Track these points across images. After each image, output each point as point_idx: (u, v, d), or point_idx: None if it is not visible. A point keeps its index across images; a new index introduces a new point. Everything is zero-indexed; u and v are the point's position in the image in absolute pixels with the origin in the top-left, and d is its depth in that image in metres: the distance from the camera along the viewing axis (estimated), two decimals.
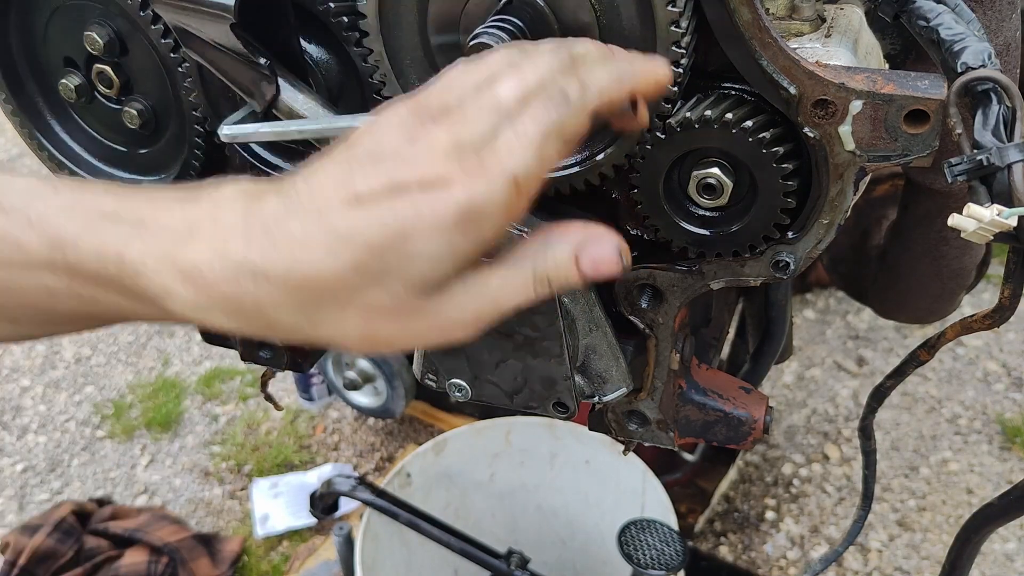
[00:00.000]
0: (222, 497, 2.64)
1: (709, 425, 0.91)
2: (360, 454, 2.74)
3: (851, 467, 2.59)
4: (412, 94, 0.54)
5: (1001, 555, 2.34)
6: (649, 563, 1.54)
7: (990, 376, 2.84)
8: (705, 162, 0.71)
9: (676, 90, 0.67)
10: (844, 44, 0.74)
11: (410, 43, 0.74)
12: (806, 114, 0.66)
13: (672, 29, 0.64)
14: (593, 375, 0.83)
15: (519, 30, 0.67)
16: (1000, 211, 0.58)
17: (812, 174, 0.70)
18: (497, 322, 0.56)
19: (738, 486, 2.56)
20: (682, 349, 0.86)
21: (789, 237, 0.73)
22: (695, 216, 0.74)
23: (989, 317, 0.71)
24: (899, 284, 1.39)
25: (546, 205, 0.80)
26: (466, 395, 0.83)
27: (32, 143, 0.98)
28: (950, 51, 0.66)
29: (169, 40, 0.84)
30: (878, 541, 2.40)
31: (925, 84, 0.63)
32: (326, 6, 0.77)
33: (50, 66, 0.93)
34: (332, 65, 0.82)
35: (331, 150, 0.53)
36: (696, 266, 0.78)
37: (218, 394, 2.99)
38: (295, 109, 0.78)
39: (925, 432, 2.68)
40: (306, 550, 2.38)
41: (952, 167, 0.61)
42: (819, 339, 3.01)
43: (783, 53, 0.64)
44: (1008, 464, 2.56)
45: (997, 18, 0.98)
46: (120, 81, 0.90)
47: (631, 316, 0.83)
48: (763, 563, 2.37)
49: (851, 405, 2.78)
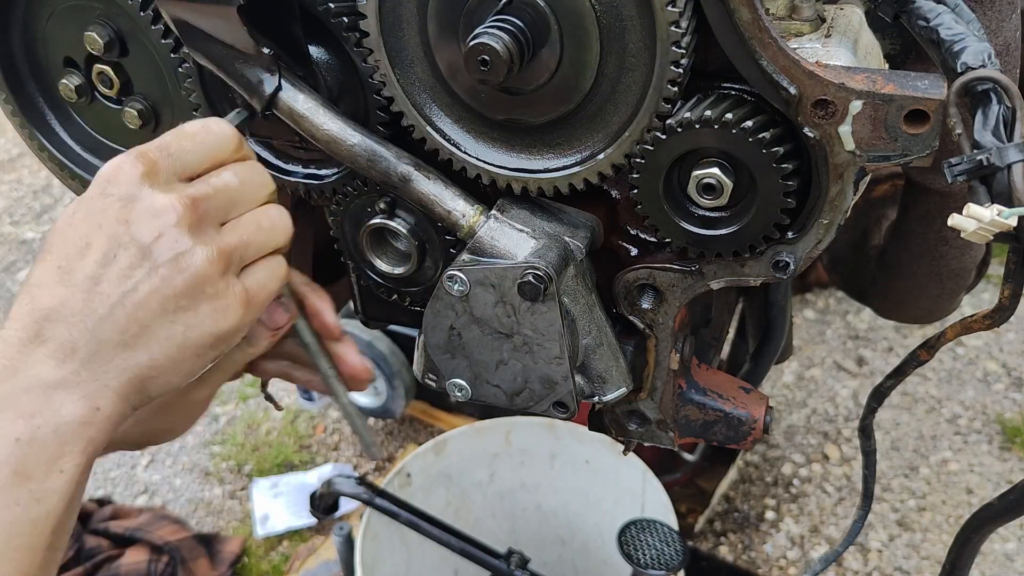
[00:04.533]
0: (222, 497, 2.64)
1: (709, 425, 0.91)
2: (360, 454, 2.74)
3: (851, 467, 2.59)
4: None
5: (1001, 555, 2.34)
6: (649, 563, 1.54)
7: (990, 376, 2.84)
8: (705, 162, 0.71)
9: (676, 90, 0.67)
10: (844, 44, 0.74)
11: (410, 43, 0.74)
12: (806, 114, 0.66)
13: (672, 29, 0.64)
14: (593, 375, 0.83)
15: (519, 30, 0.67)
16: (1000, 211, 0.58)
17: (812, 174, 0.70)
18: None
19: (738, 486, 2.56)
20: (682, 349, 0.86)
21: (789, 237, 0.73)
22: (695, 216, 0.74)
23: (989, 317, 0.71)
24: (899, 284, 1.39)
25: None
26: (466, 395, 0.83)
27: (32, 143, 0.98)
28: (950, 51, 0.66)
29: (169, 40, 0.84)
30: (878, 541, 2.40)
31: (925, 84, 0.63)
32: (326, 6, 0.77)
33: (50, 66, 0.93)
34: (332, 65, 0.82)
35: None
36: (696, 266, 0.78)
37: (218, 394, 2.99)
38: (295, 109, 0.78)
39: (925, 432, 2.68)
40: (306, 550, 2.38)
41: (952, 167, 0.61)
42: (819, 339, 3.01)
43: (783, 53, 0.64)
44: (1008, 464, 2.56)
45: (997, 18, 0.98)
46: (120, 81, 0.90)
47: (631, 316, 0.83)
48: (763, 563, 2.37)
49: (851, 405, 2.78)
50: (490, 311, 0.77)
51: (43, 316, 0.64)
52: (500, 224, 0.77)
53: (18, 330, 0.64)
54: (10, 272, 3.59)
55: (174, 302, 0.65)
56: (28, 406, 0.63)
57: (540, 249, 0.76)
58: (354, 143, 0.78)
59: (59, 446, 0.63)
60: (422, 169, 0.78)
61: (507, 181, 0.77)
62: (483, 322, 0.78)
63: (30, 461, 0.62)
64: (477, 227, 0.78)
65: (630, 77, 0.69)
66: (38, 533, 0.62)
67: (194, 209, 0.66)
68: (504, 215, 0.78)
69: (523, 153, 0.76)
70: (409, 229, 0.87)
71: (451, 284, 0.77)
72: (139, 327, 0.65)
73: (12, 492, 0.61)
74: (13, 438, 0.61)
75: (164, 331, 0.66)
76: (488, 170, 0.77)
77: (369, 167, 0.78)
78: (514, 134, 0.76)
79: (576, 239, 0.78)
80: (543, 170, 0.76)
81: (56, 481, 0.63)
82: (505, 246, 0.77)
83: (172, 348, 0.66)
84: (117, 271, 0.65)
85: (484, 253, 0.77)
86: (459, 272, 0.76)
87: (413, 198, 0.79)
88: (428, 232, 0.87)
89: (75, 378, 0.64)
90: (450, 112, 0.77)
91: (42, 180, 4.10)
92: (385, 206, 0.87)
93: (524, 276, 0.73)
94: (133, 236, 0.65)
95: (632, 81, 0.69)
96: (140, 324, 0.65)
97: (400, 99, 0.77)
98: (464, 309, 0.78)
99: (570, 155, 0.75)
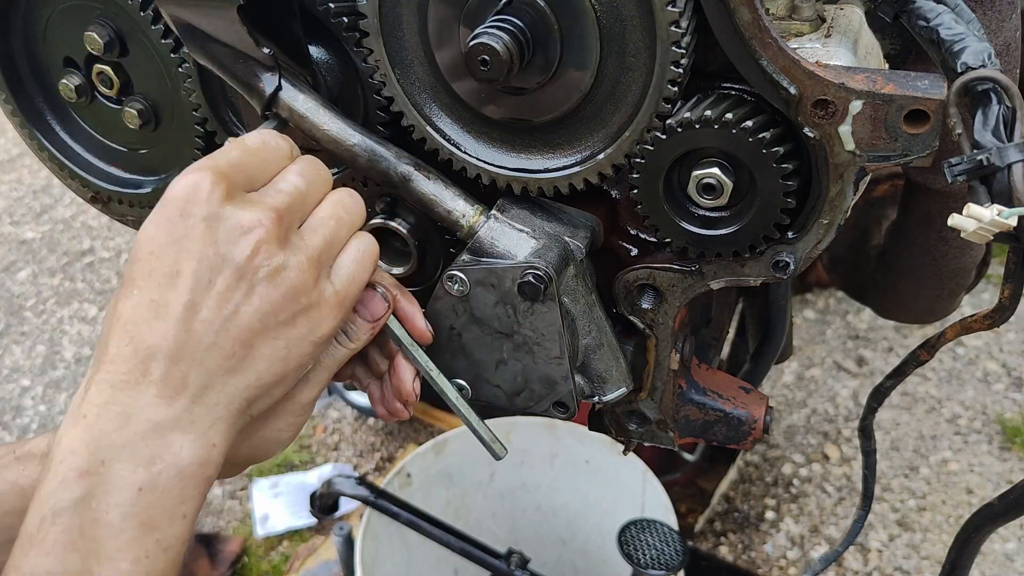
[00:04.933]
0: (222, 497, 2.64)
1: (709, 425, 0.91)
2: (360, 454, 2.74)
3: (851, 467, 2.59)
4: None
5: (1001, 555, 2.34)
6: (649, 563, 1.54)
7: (990, 376, 2.84)
8: (705, 162, 0.71)
9: (676, 90, 0.67)
10: (844, 44, 0.74)
11: (410, 43, 0.74)
12: (806, 114, 0.66)
13: (672, 29, 0.64)
14: (593, 375, 0.83)
15: (519, 30, 0.67)
16: (1000, 211, 0.58)
17: (812, 174, 0.70)
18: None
19: (738, 486, 2.56)
20: (682, 349, 0.86)
21: (789, 237, 0.73)
22: (695, 216, 0.74)
23: (989, 317, 0.71)
24: (899, 284, 1.39)
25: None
26: (466, 395, 0.83)
27: (32, 143, 0.98)
28: (950, 51, 0.66)
29: (169, 40, 0.84)
30: (878, 541, 2.40)
31: (925, 84, 0.63)
32: (326, 6, 0.77)
33: (50, 66, 0.93)
34: (332, 65, 0.82)
35: None
36: (696, 266, 0.78)
37: None
38: (295, 108, 0.78)
39: (925, 432, 2.68)
40: (306, 550, 2.38)
41: (952, 167, 0.61)
42: (819, 339, 3.01)
43: (783, 53, 0.64)
44: (1008, 464, 2.56)
45: (997, 18, 0.98)
46: (120, 81, 0.90)
47: (631, 316, 0.83)
48: (763, 563, 2.37)
49: (851, 405, 2.78)
50: (490, 311, 0.77)
51: (147, 355, 0.61)
52: (500, 224, 0.77)
53: (124, 373, 0.61)
54: (10, 272, 3.59)
55: (275, 318, 0.64)
56: (146, 453, 0.60)
57: (540, 249, 0.76)
58: (354, 143, 0.78)
59: (181, 491, 0.61)
60: (422, 169, 0.78)
61: (507, 181, 0.77)
62: (483, 322, 0.78)
63: (155, 511, 0.60)
64: (477, 227, 0.78)
65: (630, 77, 0.69)
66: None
67: (280, 221, 0.64)
68: (504, 215, 0.78)
69: (523, 153, 0.76)
70: (409, 229, 0.87)
71: (451, 284, 0.77)
72: (245, 350, 0.63)
73: (141, 546, 0.59)
74: (136, 488, 0.59)
75: (268, 349, 0.64)
76: (488, 170, 0.77)
77: (369, 167, 0.78)
78: (514, 134, 0.76)
79: (576, 239, 0.78)
80: (543, 170, 0.76)
81: (180, 527, 0.61)
82: (505, 246, 0.77)
83: (276, 364, 0.65)
84: (215, 296, 0.62)
85: (484, 253, 0.77)
86: (459, 272, 0.76)
87: (413, 198, 0.79)
88: (428, 232, 0.87)
89: (188, 416, 0.62)
90: (450, 112, 0.77)
91: (42, 180, 4.10)
92: (385, 206, 0.87)
93: (524, 276, 0.73)
94: (226, 257, 0.62)
95: (632, 81, 0.69)
96: (245, 347, 0.63)
97: (400, 99, 0.77)
98: (464, 309, 0.78)
99: (570, 155, 0.75)
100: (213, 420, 0.63)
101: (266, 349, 0.64)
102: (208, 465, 0.62)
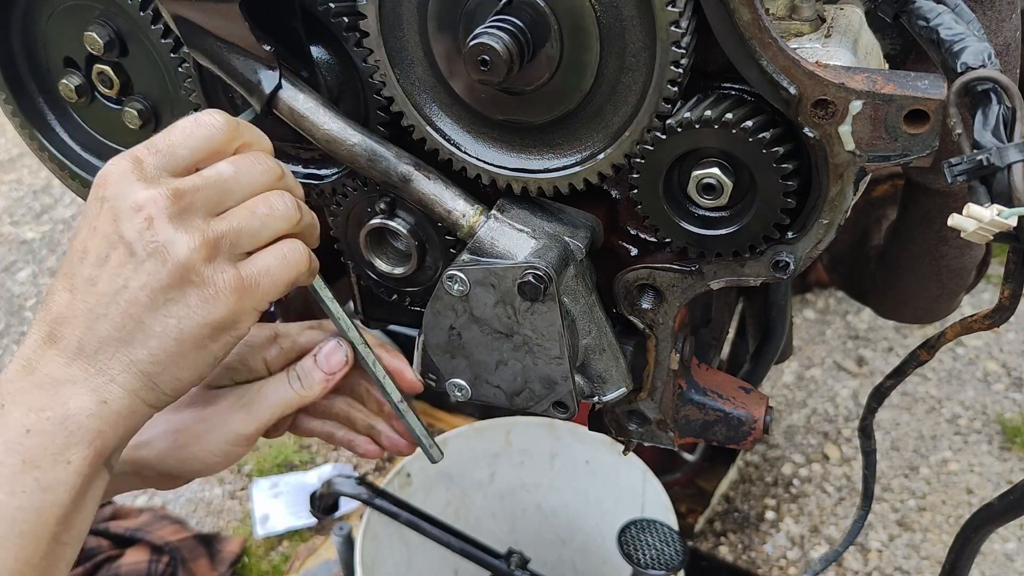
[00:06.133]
0: (222, 497, 2.64)
1: (709, 425, 0.91)
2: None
3: (851, 467, 2.59)
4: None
5: (1001, 555, 2.34)
6: (649, 563, 1.54)
7: (990, 376, 2.84)
8: (705, 162, 0.71)
9: (676, 90, 0.67)
10: (844, 44, 0.74)
11: (410, 43, 0.74)
12: (806, 114, 0.66)
13: (672, 29, 0.64)
14: (593, 375, 0.83)
15: (519, 30, 0.67)
16: (1000, 211, 0.58)
17: (812, 174, 0.70)
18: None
19: (738, 486, 2.56)
20: (682, 349, 0.86)
21: (789, 237, 0.73)
22: (695, 216, 0.74)
23: (989, 317, 0.71)
24: (899, 284, 1.39)
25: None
26: (466, 395, 0.83)
27: (32, 143, 0.98)
28: (950, 51, 0.66)
29: (169, 40, 0.84)
30: (878, 541, 2.40)
31: (925, 84, 0.63)
32: (326, 6, 0.77)
33: (50, 66, 0.93)
34: (332, 65, 0.82)
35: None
36: (696, 266, 0.78)
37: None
38: (295, 108, 0.78)
39: (925, 432, 2.68)
40: (306, 550, 2.38)
41: (952, 167, 0.61)
42: (819, 339, 3.01)
43: (783, 53, 0.64)
44: (1008, 464, 2.56)
45: (997, 18, 0.98)
46: (120, 81, 0.90)
47: (631, 316, 0.83)
48: (763, 563, 2.37)
49: (851, 405, 2.78)
50: (490, 311, 0.77)
51: (53, 320, 0.68)
52: (500, 224, 0.77)
53: (35, 334, 0.69)
54: (10, 272, 3.59)
55: (163, 295, 0.67)
56: (38, 400, 0.66)
57: (540, 249, 0.76)
58: (354, 143, 0.78)
59: (66, 437, 0.66)
60: (422, 169, 0.78)
61: (507, 181, 0.77)
62: (483, 322, 0.78)
63: (38, 451, 0.65)
64: (477, 227, 0.78)
65: (630, 77, 0.69)
66: (42, 522, 0.65)
67: (176, 200, 0.66)
68: (504, 215, 0.78)
69: (523, 153, 0.76)
70: (409, 229, 0.87)
71: (451, 284, 0.77)
72: (134, 323, 0.67)
73: (19, 480, 0.64)
74: (24, 429, 0.65)
75: (158, 325, 0.67)
76: (488, 170, 0.77)
77: (369, 167, 0.78)
78: (514, 134, 0.76)
79: (576, 239, 0.78)
80: (543, 170, 0.76)
81: (62, 472, 0.66)
82: (505, 246, 0.77)
83: (169, 341, 0.68)
84: (109, 270, 0.67)
85: (484, 253, 0.77)
86: (459, 272, 0.76)
87: (413, 198, 0.79)
88: (428, 232, 0.87)
89: (82, 374, 0.67)
90: (450, 112, 0.77)
91: (42, 180, 4.10)
92: (385, 206, 0.87)
93: (524, 276, 0.73)
94: (120, 234, 0.67)
95: (632, 81, 0.69)
96: (134, 320, 0.67)
97: (400, 99, 0.77)
98: (464, 309, 0.78)
99: (570, 155, 0.75)
100: (105, 381, 0.67)
101: (156, 325, 0.67)
102: (96, 418, 0.67)
